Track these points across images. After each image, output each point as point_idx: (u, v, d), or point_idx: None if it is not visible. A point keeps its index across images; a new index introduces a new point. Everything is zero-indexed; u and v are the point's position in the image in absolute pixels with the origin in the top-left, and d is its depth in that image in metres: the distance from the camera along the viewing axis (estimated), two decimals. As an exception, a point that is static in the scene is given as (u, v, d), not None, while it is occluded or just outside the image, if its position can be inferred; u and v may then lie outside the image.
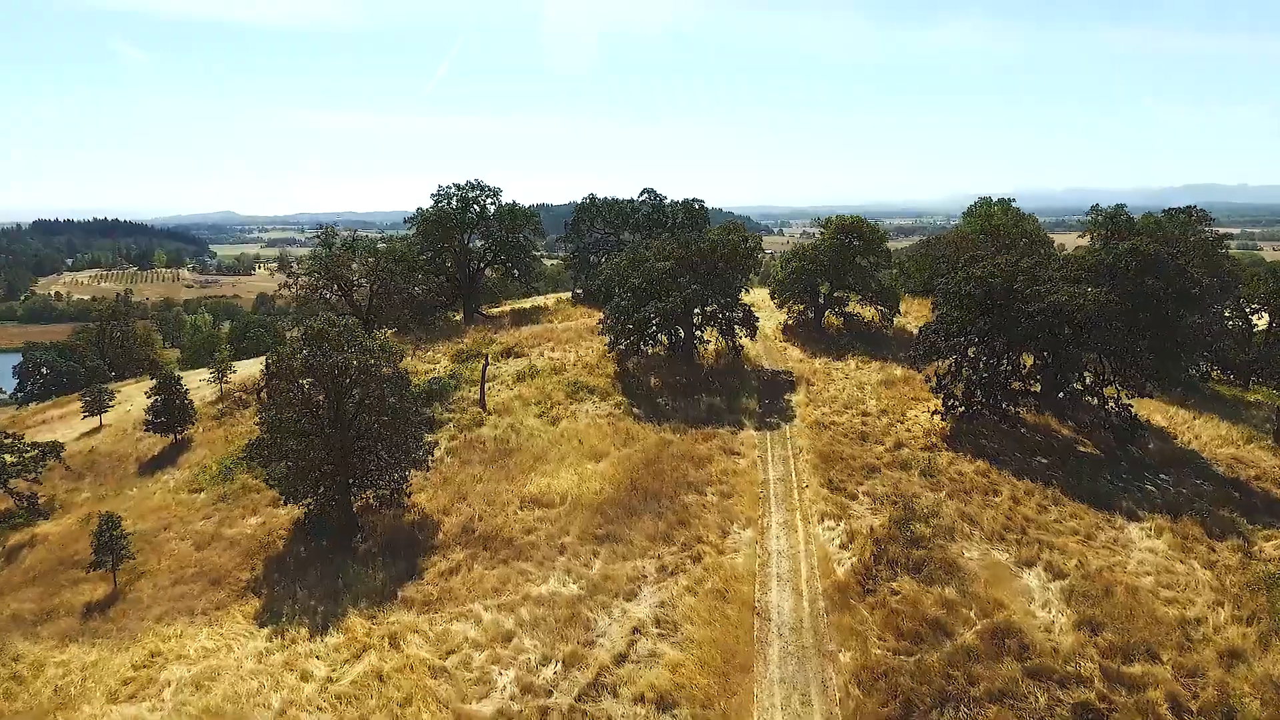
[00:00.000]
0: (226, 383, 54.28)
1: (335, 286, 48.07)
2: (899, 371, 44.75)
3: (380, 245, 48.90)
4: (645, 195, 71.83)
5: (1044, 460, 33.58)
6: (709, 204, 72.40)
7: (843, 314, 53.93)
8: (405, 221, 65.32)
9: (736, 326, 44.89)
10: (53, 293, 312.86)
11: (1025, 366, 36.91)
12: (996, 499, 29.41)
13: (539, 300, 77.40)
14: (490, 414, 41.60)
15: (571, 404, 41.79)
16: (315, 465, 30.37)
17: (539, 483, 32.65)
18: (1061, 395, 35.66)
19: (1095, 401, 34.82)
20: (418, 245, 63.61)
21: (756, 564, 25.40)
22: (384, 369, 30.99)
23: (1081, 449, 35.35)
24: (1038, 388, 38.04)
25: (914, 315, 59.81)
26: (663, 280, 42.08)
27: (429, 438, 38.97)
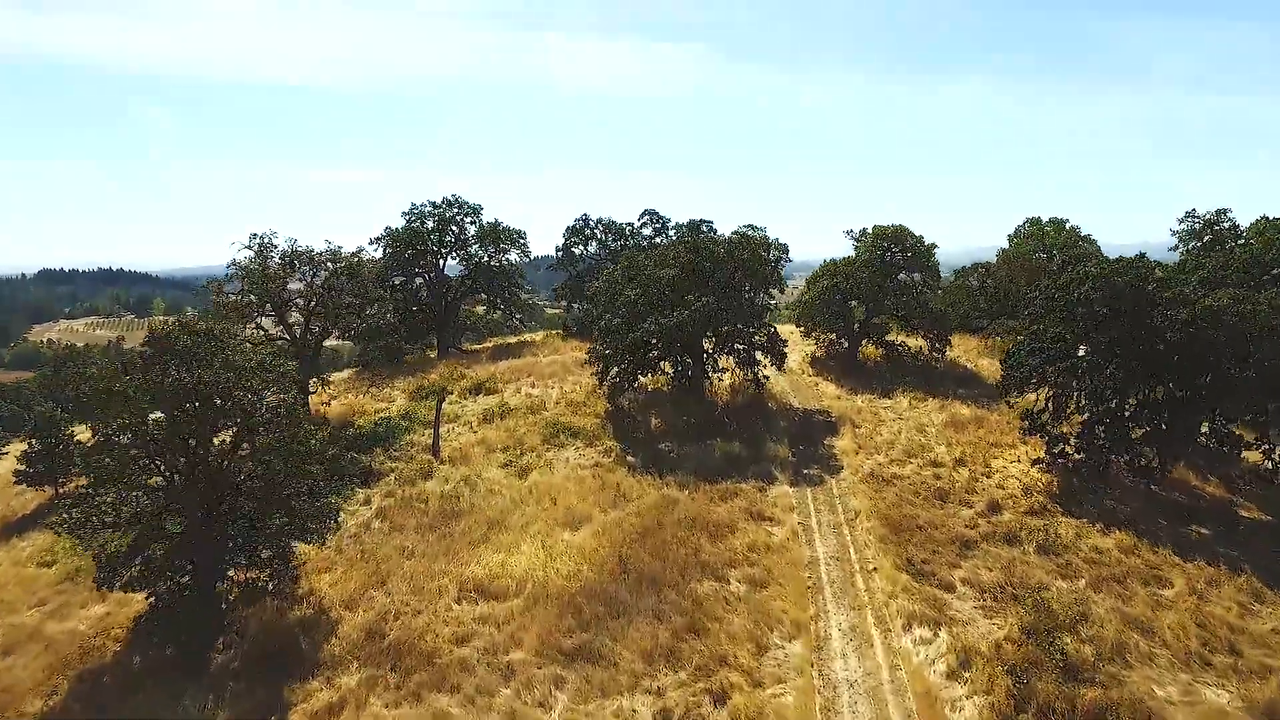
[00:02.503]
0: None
1: (269, 307, 39.28)
2: (966, 411, 35.26)
3: (319, 252, 39.96)
4: (646, 217, 63.62)
5: (1203, 530, 23.84)
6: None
7: (883, 343, 44.69)
8: (371, 241, 56.99)
9: (760, 354, 35.68)
10: (45, 340, 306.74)
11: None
12: (1167, 592, 19.63)
13: (528, 336, 68.73)
14: (443, 463, 32.21)
15: (548, 450, 32.39)
16: (163, 535, 21.05)
17: (490, 560, 23.03)
18: (1213, 440, 26.08)
19: (1260, 450, 25.25)
20: (383, 267, 55.12)
21: (817, 707, 15.62)
22: (269, 396, 21.75)
23: (1243, 513, 25.62)
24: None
25: (960, 349, 50.64)
26: (665, 292, 33.06)
27: (358, 495, 29.72)
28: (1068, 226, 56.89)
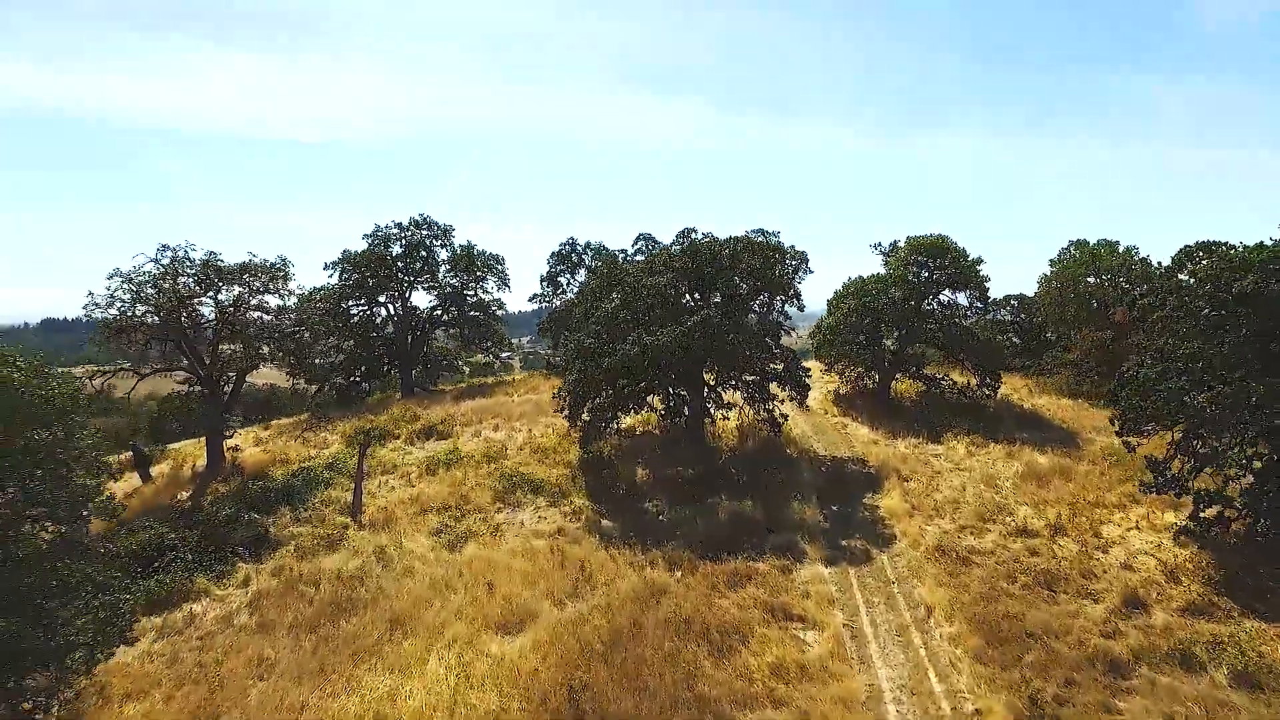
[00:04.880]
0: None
1: (172, 335, 31.79)
2: (1042, 459, 27.36)
3: (231, 264, 32.55)
4: (641, 242, 56.74)
5: None
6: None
7: (922, 377, 37.04)
8: (326, 267, 50.07)
9: (775, 386, 28.06)
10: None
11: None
12: None
13: (513, 375, 61.32)
14: (361, 527, 24.39)
15: (499, 510, 24.58)
16: None
17: (375, 686, 15.03)
18: None
19: None
20: (338, 295, 48.17)
21: None
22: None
23: None
24: None
25: (1006, 386, 42.93)
26: (655, 307, 25.65)
27: (238, 573, 21.92)
28: (1122, 248, 49.57)
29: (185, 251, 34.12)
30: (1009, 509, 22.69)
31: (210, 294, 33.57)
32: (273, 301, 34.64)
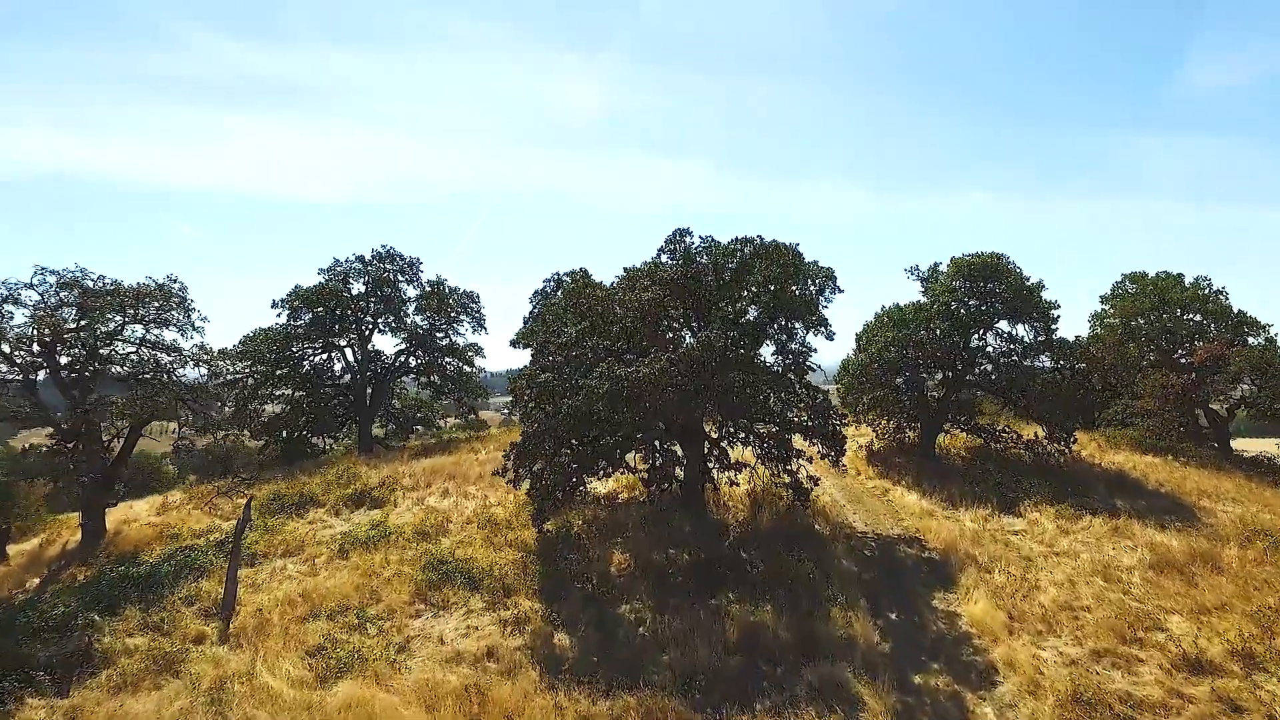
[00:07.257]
0: None
1: (16, 375, 25.04)
2: (1172, 541, 20.01)
3: (102, 286, 26.03)
4: (637, 279, 50.43)
5: None
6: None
7: (976, 428, 29.91)
8: (274, 305, 43.79)
9: (799, 439, 21.04)
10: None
11: None
12: None
13: (486, 431, 54.27)
14: (225, 639, 17.20)
15: (418, 614, 17.42)
16: None
17: None
18: None
19: None
20: (285, 337, 41.76)
21: None
22: None
23: None
24: None
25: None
26: (635, 328, 18.88)
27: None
28: (1192, 284, 42.81)
29: (75, 276, 27.76)
30: (1154, 619, 15.35)
31: (95, 327, 27.10)
32: (170, 337, 28.20)
